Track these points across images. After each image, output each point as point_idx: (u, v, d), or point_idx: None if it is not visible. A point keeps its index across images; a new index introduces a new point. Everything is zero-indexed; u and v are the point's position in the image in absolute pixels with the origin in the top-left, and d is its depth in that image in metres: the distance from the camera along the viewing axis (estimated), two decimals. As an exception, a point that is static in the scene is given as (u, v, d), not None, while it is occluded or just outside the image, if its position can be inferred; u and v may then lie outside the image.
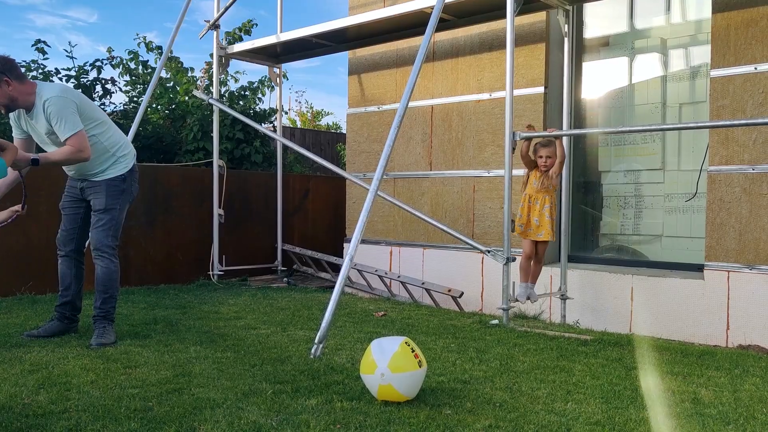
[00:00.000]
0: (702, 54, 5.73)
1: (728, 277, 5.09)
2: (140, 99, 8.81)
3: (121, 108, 8.92)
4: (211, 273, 7.51)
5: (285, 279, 7.92)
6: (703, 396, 3.15)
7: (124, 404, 2.89)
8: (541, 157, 5.18)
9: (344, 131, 10.88)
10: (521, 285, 5.32)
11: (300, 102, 23.85)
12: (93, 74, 8.44)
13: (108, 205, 4.22)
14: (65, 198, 4.39)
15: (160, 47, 9.37)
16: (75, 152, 3.97)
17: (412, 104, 6.94)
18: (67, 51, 8.39)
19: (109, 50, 9.08)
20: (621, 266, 5.90)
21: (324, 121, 17.07)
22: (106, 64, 8.73)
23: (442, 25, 6.25)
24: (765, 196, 4.96)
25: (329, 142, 12.17)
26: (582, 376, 3.50)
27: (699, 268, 5.34)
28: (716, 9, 5.20)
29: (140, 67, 9.17)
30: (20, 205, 3.99)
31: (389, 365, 2.91)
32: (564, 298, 5.71)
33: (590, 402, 3.03)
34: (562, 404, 2.99)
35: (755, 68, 5.01)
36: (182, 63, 9.41)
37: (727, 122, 4.89)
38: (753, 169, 5.01)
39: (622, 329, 5.43)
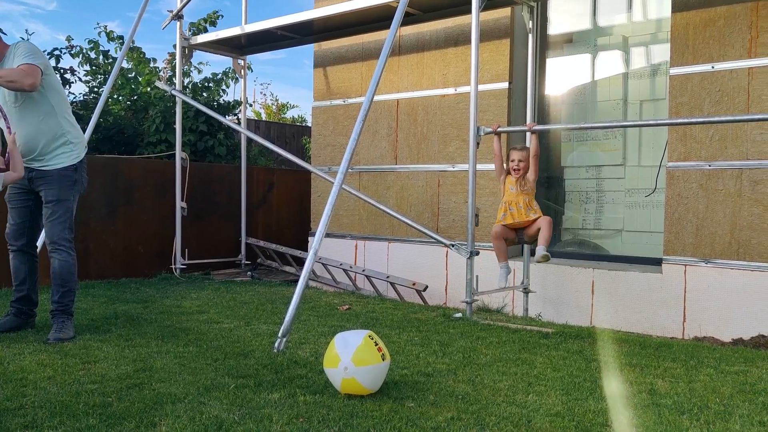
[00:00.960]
0: (662, 52, 5.84)
1: (685, 270, 5.21)
2: (101, 89, 8.63)
3: (81, 98, 8.74)
4: (173, 266, 7.42)
5: (249, 273, 7.86)
6: (659, 387, 3.23)
7: (83, 400, 2.84)
8: (513, 161, 4.93)
9: (309, 124, 10.82)
10: (500, 266, 5.02)
11: (265, 94, 23.66)
12: (51, 63, 8.22)
13: (61, 196, 4.12)
14: (11, 189, 4.22)
15: (121, 37, 9.19)
16: (23, 74, 3.88)
17: (377, 98, 6.94)
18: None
19: (68, 39, 8.88)
20: (582, 260, 6.00)
21: (289, 114, 16.98)
22: (65, 53, 8.54)
23: (408, 19, 6.25)
24: (721, 191, 5.08)
25: (294, 135, 12.10)
26: (543, 368, 3.55)
27: (658, 262, 5.46)
28: (675, 8, 5.31)
29: (101, 56, 8.98)
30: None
31: (353, 359, 2.92)
32: (527, 291, 5.78)
33: (551, 394, 3.07)
34: (523, 396, 3.03)
35: (712, 67, 5.12)
36: (144, 53, 9.24)
37: (685, 120, 5.01)
38: (709, 166, 5.14)
39: (583, 322, 5.52)
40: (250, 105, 15.78)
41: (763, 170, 4.90)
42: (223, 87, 9.42)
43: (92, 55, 8.94)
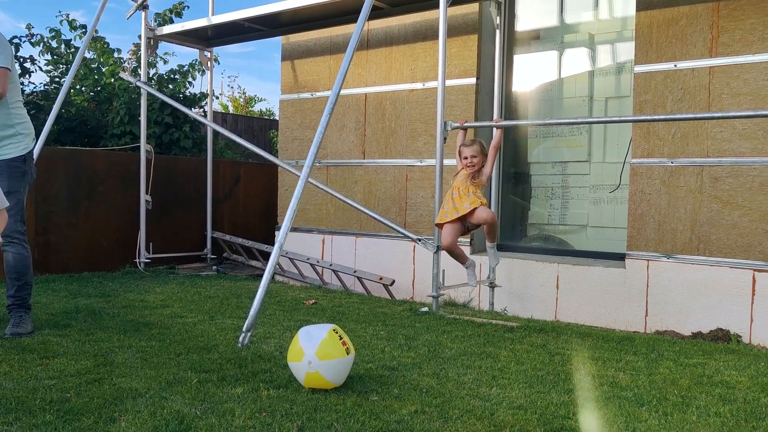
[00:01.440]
0: (627, 50, 5.92)
1: (648, 265, 5.30)
2: (62, 80, 8.45)
3: (42, 88, 8.55)
4: (137, 260, 7.31)
5: (214, 267, 7.78)
6: (620, 379, 3.28)
7: (40, 396, 2.78)
8: (465, 158, 4.90)
9: (277, 118, 10.75)
10: (465, 267, 5.10)
11: (232, 87, 23.36)
12: (10, 52, 8.03)
13: (12, 188, 4.01)
14: None
15: (84, 26, 9.00)
16: None
17: (345, 92, 6.92)
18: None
19: (29, 27, 8.67)
20: (547, 255, 6.06)
21: (257, 107, 16.82)
22: (24, 41, 8.35)
23: (376, 13, 6.24)
24: (682, 188, 5.18)
25: (262, 128, 12.00)
26: (507, 361, 3.58)
27: (621, 257, 5.54)
28: (640, 7, 5.38)
29: (62, 46, 8.79)
30: None
31: (317, 353, 2.90)
32: (492, 286, 5.81)
33: (514, 387, 3.10)
34: (487, 389, 3.05)
35: (675, 65, 5.21)
36: (108, 43, 9.07)
37: (649, 117, 5.09)
38: (672, 162, 5.22)
39: (548, 316, 5.59)
40: (217, 97, 15.59)
41: (723, 167, 5.00)
42: (190, 79, 9.29)
43: (54, 44, 8.74)
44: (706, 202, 5.07)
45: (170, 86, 9.09)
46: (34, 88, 8.43)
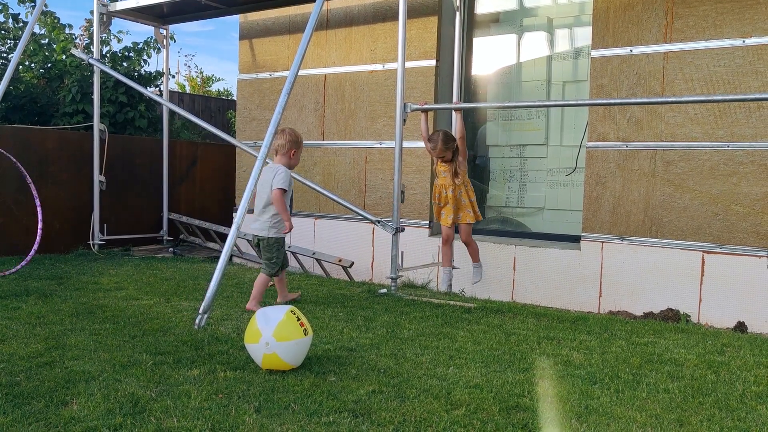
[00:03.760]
0: (585, 34, 5.98)
1: (602, 247, 5.40)
2: (10, 56, 8.17)
3: (-11, 64, 8.25)
4: (91, 242, 7.15)
5: (170, 249, 7.66)
6: (574, 358, 3.34)
7: (-12, 380, 2.71)
8: (434, 153, 5.14)
9: (236, 98, 10.59)
10: (443, 270, 5.36)
11: (189, 66, 22.87)
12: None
13: None
14: None
15: (33, 0, 8.70)
16: None
17: (304, 72, 6.84)
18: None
19: (-26, 0, 8.34)
20: (505, 237, 6.13)
21: (215, 87, 16.53)
22: (-31, 15, 8.03)
23: (336, -8, 6.17)
24: (636, 171, 5.28)
25: (220, 108, 11.81)
26: (464, 342, 3.62)
27: (576, 239, 5.64)
28: (598, -9, 5.44)
29: (10, 20, 8.49)
30: None
31: (274, 334, 2.89)
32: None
33: (471, 366, 3.13)
34: (443, 369, 3.08)
35: (631, 50, 5.28)
36: (59, 19, 8.78)
37: (604, 101, 5.16)
38: (626, 146, 5.32)
39: (505, 297, 5.66)
40: (173, 76, 15.25)
41: (675, 151, 5.11)
42: (145, 57, 9.07)
43: (0, 18, 8.43)
44: (659, 186, 5.18)
45: (124, 64, 8.86)
46: (-20, 63, 8.14)
